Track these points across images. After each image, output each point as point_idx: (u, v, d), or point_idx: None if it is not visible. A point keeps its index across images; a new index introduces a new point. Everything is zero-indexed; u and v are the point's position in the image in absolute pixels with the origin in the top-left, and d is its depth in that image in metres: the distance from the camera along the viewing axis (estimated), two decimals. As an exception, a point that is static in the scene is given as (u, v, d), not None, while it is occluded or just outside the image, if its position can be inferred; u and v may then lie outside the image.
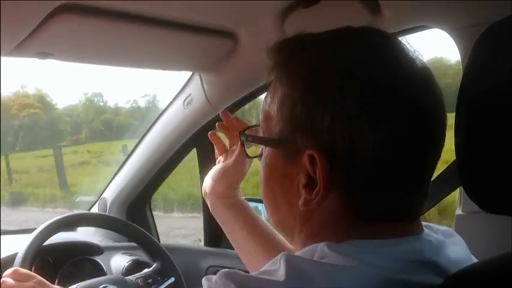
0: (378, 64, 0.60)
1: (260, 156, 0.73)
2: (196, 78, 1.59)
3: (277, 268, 0.58)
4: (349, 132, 0.58)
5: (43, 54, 1.17)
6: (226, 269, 0.61)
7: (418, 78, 0.62)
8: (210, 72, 1.54)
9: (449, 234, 0.71)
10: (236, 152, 0.97)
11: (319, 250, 0.60)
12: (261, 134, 0.71)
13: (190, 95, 1.62)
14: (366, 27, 0.67)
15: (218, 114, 1.63)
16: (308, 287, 0.56)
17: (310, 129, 0.60)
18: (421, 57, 0.64)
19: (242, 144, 0.76)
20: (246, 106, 1.69)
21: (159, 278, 1.55)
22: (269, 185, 0.70)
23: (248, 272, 0.62)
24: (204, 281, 0.63)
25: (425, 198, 0.66)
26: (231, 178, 1.01)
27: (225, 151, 1.06)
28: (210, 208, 1.07)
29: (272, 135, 0.66)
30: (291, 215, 0.67)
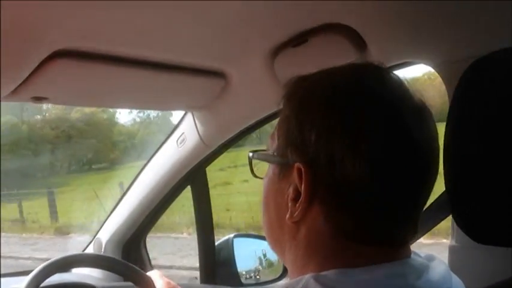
0: (367, 92, 0.64)
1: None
2: (189, 117, 1.61)
3: None
4: (331, 149, 0.62)
5: (38, 99, 1.18)
6: None
7: (411, 110, 0.64)
8: (203, 111, 1.56)
9: (431, 258, 0.72)
10: None
11: (304, 282, 0.62)
12: None
13: (183, 133, 1.63)
14: (366, 63, 0.71)
15: (212, 152, 1.66)
16: None
17: (300, 144, 0.65)
18: (416, 91, 0.66)
19: (250, 163, 0.80)
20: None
21: None
22: (266, 201, 0.74)
23: None
24: None
25: (413, 226, 0.67)
26: None
27: None
28: None
29: (271, 152, 0.72)
30: (282, 231, 0.70)
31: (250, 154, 0.78)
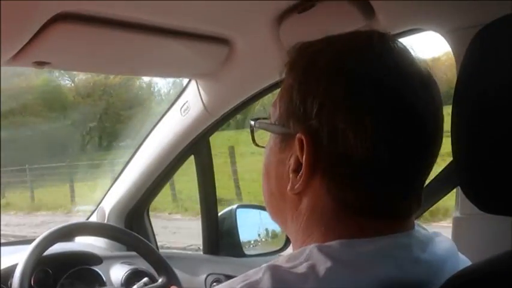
0: (372, 61, 0.63)
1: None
2: (193, 85, 1.60)
3: (259, 280, 0.58)
4: (334, 121, 0.61)
5: (40, 64, 1.17)
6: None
7: (417, 80, 0.63)
8: (207, 79, 1.54)
9: (436, 233, 0.72)
10: None
11: (308, 252, 0.61)
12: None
13: (187, 102, 1.62)
14: (370, 30, 0.69)
15: (215, 121, 1.65)
16: None
17: (302, 115, 0.64)
18: (422, 60, 0.65)
19: (251, 131, 0.78)
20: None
21: None
22: (267, 172, 0.73)
23: None
24: None
25: (417, 199, 0.66)
26: None
27: None
28: None
29: (273, 121, 0.70)
30: (284, 201, 0.69)
31: (252, 122, 0.77)
